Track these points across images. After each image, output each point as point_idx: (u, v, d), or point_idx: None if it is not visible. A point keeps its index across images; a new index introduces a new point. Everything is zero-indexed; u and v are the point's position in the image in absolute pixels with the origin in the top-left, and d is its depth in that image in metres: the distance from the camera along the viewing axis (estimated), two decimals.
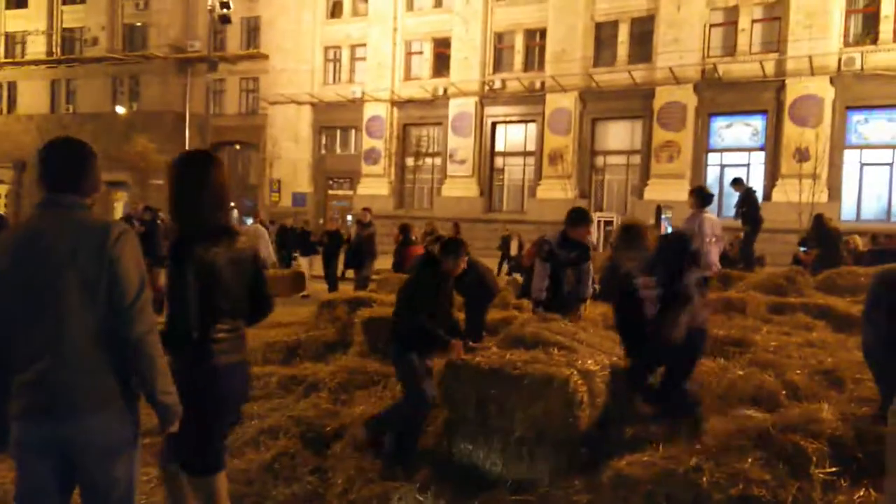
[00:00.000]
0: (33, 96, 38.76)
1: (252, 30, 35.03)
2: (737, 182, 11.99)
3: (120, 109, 35.87)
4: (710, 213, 7.10)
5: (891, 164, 22.38)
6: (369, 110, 30.89)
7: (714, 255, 6.84)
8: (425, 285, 4.66)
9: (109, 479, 2.39)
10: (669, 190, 23.37)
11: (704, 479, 3.48)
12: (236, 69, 35.18)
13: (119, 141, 35.28)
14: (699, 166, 24.66)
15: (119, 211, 33.56)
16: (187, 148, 35.51)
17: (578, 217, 6.33)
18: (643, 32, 25.69)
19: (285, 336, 7.83)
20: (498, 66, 28.83)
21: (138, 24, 37.16)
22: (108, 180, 37.21)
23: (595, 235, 21.29)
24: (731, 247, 15.59)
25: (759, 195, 23.14)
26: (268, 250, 12.01)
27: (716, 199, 23.88)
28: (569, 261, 6.29)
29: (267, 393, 6.04)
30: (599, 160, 27.40)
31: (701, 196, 7.02)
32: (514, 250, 19.88)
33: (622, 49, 26.07)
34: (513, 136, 29.15)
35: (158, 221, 12.05)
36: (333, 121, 32.55)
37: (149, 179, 34.62)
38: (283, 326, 9.57)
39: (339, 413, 5.22)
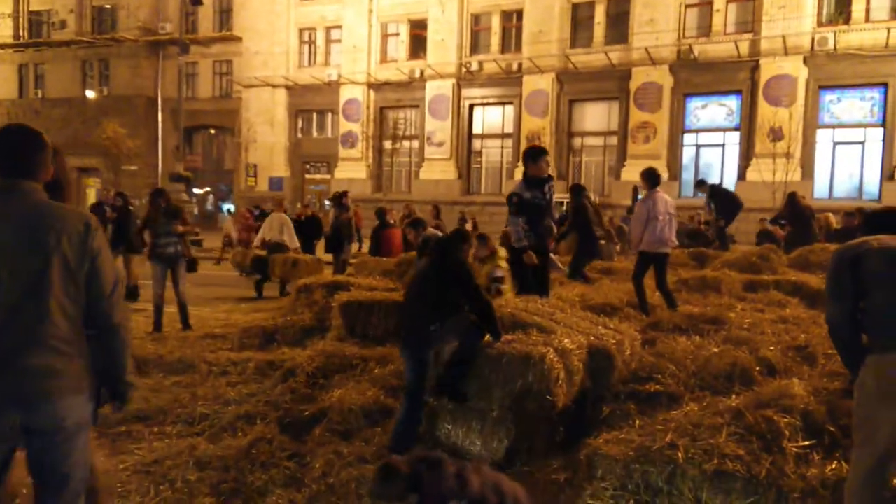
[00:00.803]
0: (1, 81, 37.88)
1: (224, 11, 34.46)
2: (700, 184, 12.34)
3: (90, 94, 35.21)
4: (661, 192, 7.36)
5: (862, 143, 22.67)
6: (346, 93, 30.57)
7: (668, 232, 7.11)
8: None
9: (73, 461, 2.44)
10: None
11: (680, 454, 3.52)
12: (209, 52, 34.61)
13: (90, 126, 34.64)
14: (675, 147, 24.80)
15: (91, 197, 32.99)
16: (160, 133, 35.12)
17: (537, 152, 6.41)
18: (619, 13, 25.65)
19: (262, 321, 7.78)
20: (475, 48, 28.65)
21: (107, 6, 36.39)
22: (80, 166, 36.46)
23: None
24: (706, 226, 15.80)
25: (734, 175, 23.54)
26: (291, 237, 12.03)
27: (691, 178, 24.42)
28: (544, 201, 6.29)
29: (244, 379, 6.01)
30: (577, 141, 27.44)
31: (650, 177, 7.25)
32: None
33: (598, 30, 26.02)
34: (490, 118, 29.05)
35: (130, 207, 11.87)
36: (309, 104, 32.18)
37: (121, 165, 34.07)
38: (260, 311, 9.54)
39: (317, 398, 5.20)
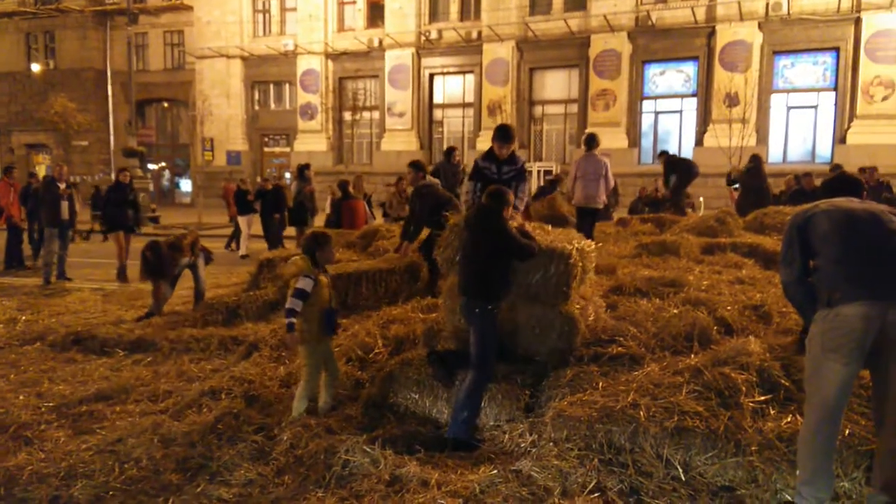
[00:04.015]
0: None
1: None
2: (660, 155, 13.44)
3: (35, 67, 33.84)
4: (597, 154, 8.44)
5: (815, 107, 23.14)
6: (303, 63, 29.97)
7: (594, 190, 8.25)
8: None
9: None
10: (606, 137, 23.41)
11: (642, 413, 3.62)
12: (159, 22, 33.52)
13: (37, 101, 33.41)
14: (634, 114, 24.98)
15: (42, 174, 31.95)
16: (111, 107, 34.07)
17: (497, 134, 6.09)
18: None
19: (225, 297, 7.69)
20: (434, 16, 28.25)
21: None
22: (28, 143, 35.25)
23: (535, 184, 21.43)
24: (688, 198, 16.07)
25: (692, 141, 23.87)
26: None
27: (650, 145, 24.65)
28: (495, 176, 6.08)
29: (207, 355, 5.95)
30: (538, 110, 27.42)
31: (585, 140, 8.63)
32: None
33: None
34: (451, 87, 28.81)
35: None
36: (266, 75, 31.48)
37: (71, 141, 32.96)
38: (222, 287, 9.41)
39: (282, 371, 5.18)
